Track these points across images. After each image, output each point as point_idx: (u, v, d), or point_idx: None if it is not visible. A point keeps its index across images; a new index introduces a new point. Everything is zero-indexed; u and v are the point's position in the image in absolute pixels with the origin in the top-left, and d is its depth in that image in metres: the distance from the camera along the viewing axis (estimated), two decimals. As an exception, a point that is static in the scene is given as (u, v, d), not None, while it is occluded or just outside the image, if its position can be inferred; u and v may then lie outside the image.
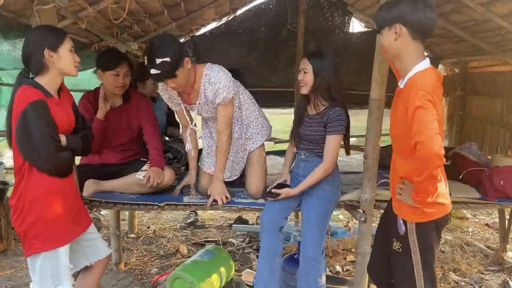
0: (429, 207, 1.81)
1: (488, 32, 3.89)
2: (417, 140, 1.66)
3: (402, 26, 1.76)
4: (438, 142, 1.64)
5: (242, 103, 2.77)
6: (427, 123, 1.65)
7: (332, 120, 2.39)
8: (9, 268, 3.52)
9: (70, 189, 2.09)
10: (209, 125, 2.83)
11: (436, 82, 1.78)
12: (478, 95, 4.67)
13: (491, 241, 4.34)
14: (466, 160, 3.38)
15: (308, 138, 2.49)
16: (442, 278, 3.40)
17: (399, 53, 1.83)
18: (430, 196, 1.74)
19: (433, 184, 1.72)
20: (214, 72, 2.48)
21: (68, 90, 2.19)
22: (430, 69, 1.83)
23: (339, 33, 5.00)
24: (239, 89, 2.75)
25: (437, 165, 1.65)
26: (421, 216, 1.83)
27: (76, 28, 2.83)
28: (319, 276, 2.33)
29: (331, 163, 2.42)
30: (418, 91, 1.70)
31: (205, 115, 2.71)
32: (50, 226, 1.93)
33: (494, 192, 2.86)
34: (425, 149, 1.64)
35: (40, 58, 1.92)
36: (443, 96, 1.90)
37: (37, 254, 1.93)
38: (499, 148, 4.15)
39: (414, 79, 1.79)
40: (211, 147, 2.83)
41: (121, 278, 3.36)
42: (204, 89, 2.51)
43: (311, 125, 2.48)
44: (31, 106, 1.85)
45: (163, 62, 2.22)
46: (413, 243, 1.85)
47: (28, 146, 1.89)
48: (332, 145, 2.40)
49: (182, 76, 2.35)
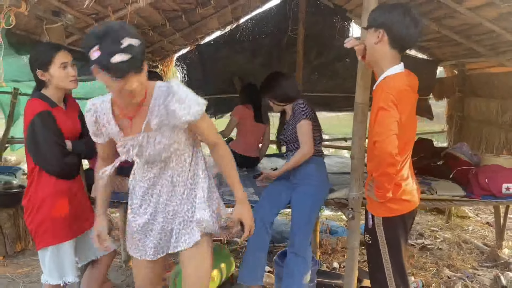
0: (395, 203, 1.96)
1: (481, 36, 4.00)
2: (375, 139, 1.82)
3: (385, 33, 1.89)
4: (392, 142, 1.78)
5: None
6: (386, 124, 1.80)
7: (295, 111, 2.69)
8: (26, 267, 3.76)
9: (77, 190, 2.31)
10: (151, 177, 1.85)
11: (404, 87, 1.90)
12: (476, 97, 4.78)
13: (489, 239, 4.43)
14: (457, 159, 3.51)
15: (289, 140, 2.72)
16: (435, 273, 3.52)
17: (376, 55, 1.96)
18: (387, 192, 1.89)
19: (389, 181, 1.87)
20: (175, 87, 1.69)
21: (73, 99, 2.41)
22: (401, 74, 1.93)
23: (339, 39, 5.15)
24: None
25: (390, 163, 1.80)
26: (387, 211, 1.99)
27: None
28: (304, 267, 2.51)
29: (307, 149, 2.64)
30: (383, 93, 1.84)
31: (149, 154, 1.76)
32: (57, 223, 2.15)
33: (480, 190, 3.00)
34: (380, 148, 1.79)
35: (36, 76, 2.15)
36: (414, 100, 2.00)
37: (45, 248, 2.16)
38: (495, 147, 4.25)
39: (383, 82, 1.93)
40: (143, 226, 1.88)
41: (129, 275, 3.56)
42: (157, 110, 1.69)
43: (288, 127, 2.76)
44: (37, 116, 2.08)
45: (131, 45, 1.48)
46: (380, 236, 2.01)
47: (36, 152, 2.12)
48: (301, 131, 2.66)
49: (143, 79, 1.60)
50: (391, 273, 2.00)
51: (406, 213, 2.00)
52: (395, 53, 1.95)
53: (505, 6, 3.18)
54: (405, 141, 1.93)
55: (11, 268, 3.73)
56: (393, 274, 2.00)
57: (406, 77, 1.96)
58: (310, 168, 2.71)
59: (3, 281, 3.46)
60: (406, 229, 2.04)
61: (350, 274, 2.82)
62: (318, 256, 3.87)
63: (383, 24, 1.89)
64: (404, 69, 1.99)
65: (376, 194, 1.96)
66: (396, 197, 1.94)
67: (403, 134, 1.87)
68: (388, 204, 1.97)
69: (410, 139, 2.01)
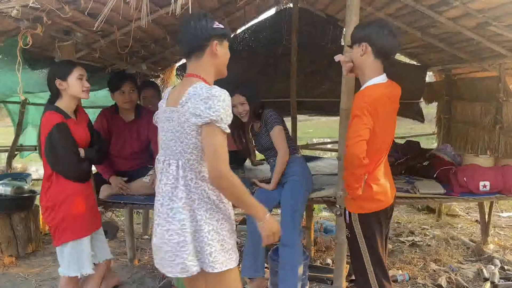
0: (366, 202, 2.19)
1: (463, 43, 4.24)
2: (346, 142, 2.07)
3: (368, 45, 2.14)
4: (361, 147, 2.01)
5: None
6: (357, 130, 2.03)
7: (267, 119, 2.93)
8: (38, 266, 3.99)
9: (90, 192, 2.59)
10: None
11: (380, 96, 2.12)
12: (462, 100, 5.01)
13: (476, 235, 4.65)
14: (441, 160, 3.75)
15: (266, 148, 3.01)
16: (422, 268, 3.75)
17: (362, 67, 2.20)
18: (355, 190, 2.13)
19: (356, 180, 2.11)
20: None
21: (83, 110, 2.68)
22: (380, 85, 2.15)
23: (331, 47, 5.39)
24: None
25: (357, 165, 2.03)
26: (359, 208, 2.22)
27: (91, 56, 3.31)
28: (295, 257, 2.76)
29: (283, 152, 2.92)
30: (359, 102, 2.08)
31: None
32: (76, 220, 2.41)
33: (459, 187, 3.23)
34: (349, 151, 2.03)
35: (54, 86, 2.42)
36: (392, 109, 2.22)
37: (65, 243, 2.41)
38: (479, 148, 4.48)
39: (362, 91, 2.16)
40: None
41: (135, 272, 3.81)
42: None
43: (261, 137, 3.02)
44: (55, 128, 2.34)
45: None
46: (357, 230, 2.23)
47: (55, 160, 2.39)
48: (276, 137, 2.92)
49: None
50: (370, 263, 2.23)
51: (379, 210, 2.22)
52: (379, 63, 2.17)
53: (481, 17, 3.43)
54: (377, 147, 2.14)
55: (23, 268, 3.96)
56: (372, 264, 2.23)
57: (386, 88, 2.17)
58: (291, 166, 2.99)
59: (16, 280, 3.70)
60: (381, 225, 2.25)
61: (339, 267, 3.05)
62: (313, 254, 4.10)
63: (364, 38, 2.14)
64: (387, 80, 2.21)
65: (346, 191, 2.22)
66: (368, 197, 2.17)
67: (374, 140, 2.08)
68: (360, 202, 2.20)
69: (384, 145, 2.20)
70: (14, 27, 2.39)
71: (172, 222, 1.72)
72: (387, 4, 4.03)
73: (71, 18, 2.42)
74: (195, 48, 1.78)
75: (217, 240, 1.74)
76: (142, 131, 3.37)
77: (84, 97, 2.51)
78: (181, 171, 1.74)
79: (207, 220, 1.73)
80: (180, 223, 1.70)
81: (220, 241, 1.75)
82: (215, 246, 1.73)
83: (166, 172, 1.78)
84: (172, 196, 1.74)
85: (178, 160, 1.74)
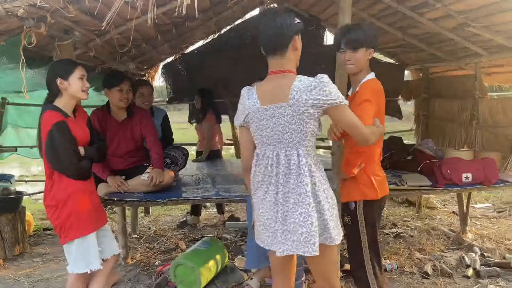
0: (371, 189, 2.34)
1: (441, 43, 4.46)
2: (363, 120, 2.16)
3: (373, 50, 2.36)
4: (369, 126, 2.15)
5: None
6: (368, 113, 2.18)
7: None
8: (27, 268, 3.94)
9: (92, 189, 2.59)
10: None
11: (381, 89, 2.35)
12: (439, 97, 5.25)
13: (454, 226, 4.89)
14: (424, 154, 3.94)
15: None
16: (408, 257, 3.93)
17: (364, 67, 2.38)
18: (353, 167, 2.30)
19: (357, 158, 2.29)
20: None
21: (83, 109, 2.68)
22: (375, 79, 2.40)
23: (314, 46, 5.53)
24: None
25: (379, 133, 2.14)
26: (364, 195, 2.36)
27: (85, 55, 3.32)
28: None
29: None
30: (371, 89, 2.29)
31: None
32: (81, 218, 2.42)
33: (443, 179, 3.41)
34: (368, 126, 2.14)
35: (55, 85, 2.42)
36: (384, 101, 2.40)
37: (71, 241, 2.42)
38: (457, 142, 4.72)
39: (367, 83, 2.35)
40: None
41: (129, 270, 3.82)
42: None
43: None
44: (55, 126, 2.34)
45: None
46: (360, 217, 2.37)
47: (55, 159, 2.38)
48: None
49: None
50: (367, 250, 2.37)
51: (379, 199, 2.37)
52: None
53: (461, 18, 3.63)
54: None
55: (12, 270, 3.89)
56: (369, 251, 2.37)
57: (378, 82, 2.40)
58: None
59: (7, 282, 3.64)
60: (379, 213, 2.42)
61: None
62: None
63: (371, 43, 2.34)
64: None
65: (344, 170, 2.37)
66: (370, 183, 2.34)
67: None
68: (364, 189, 2.35)
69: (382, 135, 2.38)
70: (16, 27, 2.38)
71: (302, 205, 1.87)
72: (371, 5, 4.20)
73: (73, 17, 2.44)
74: (283, 45, 1.88)
75: (335, 215, 1.96)
76: (136, 130, 3.41)
77: (83, 97, 2.51)
78: (303, 158, 1.88)
79: (325, 199, 1.91)
80: (310, 205, 1.87)
81: (336, 215, 1.97)
82: (333, 221, 1.94)
83: (278, 163, 1.92)
84: (298, 182, 1.88)
85: (298, 149, 1.89)
